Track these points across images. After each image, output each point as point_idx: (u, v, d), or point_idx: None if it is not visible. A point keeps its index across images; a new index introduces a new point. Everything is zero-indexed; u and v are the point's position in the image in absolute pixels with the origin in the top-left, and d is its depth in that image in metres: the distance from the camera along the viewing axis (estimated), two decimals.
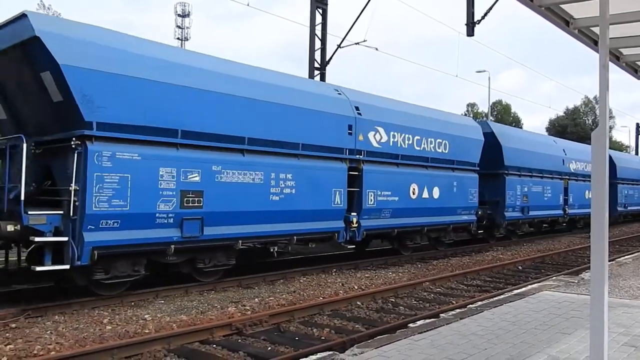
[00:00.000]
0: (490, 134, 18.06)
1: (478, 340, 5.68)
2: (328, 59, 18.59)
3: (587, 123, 72.09)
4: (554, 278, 10.75)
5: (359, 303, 9.21)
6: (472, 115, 68.08)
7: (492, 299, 8.24)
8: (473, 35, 15.63)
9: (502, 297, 8.43)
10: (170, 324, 7.56)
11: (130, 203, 8.46)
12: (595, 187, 3.89)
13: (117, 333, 7.06)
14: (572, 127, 68.28)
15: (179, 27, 64.30)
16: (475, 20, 15.56)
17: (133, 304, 8.79)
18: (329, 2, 18.34)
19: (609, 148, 4.12)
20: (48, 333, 6.98)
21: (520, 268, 13.97)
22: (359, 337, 6.89)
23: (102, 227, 8.19)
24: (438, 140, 15.21)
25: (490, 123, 19.56)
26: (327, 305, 8.80)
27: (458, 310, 7.48)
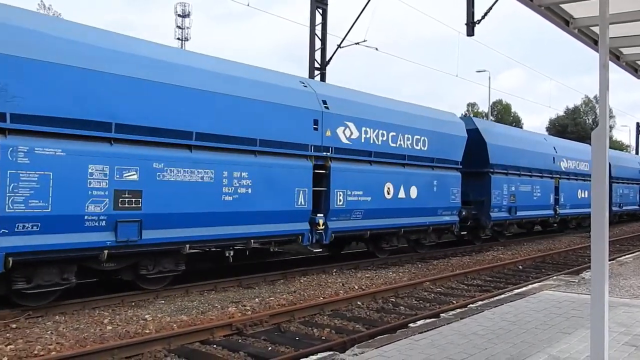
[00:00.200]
0: (475, 131, 17.22)
1: (478, 340, 5.68)
2: (328, 59, 18.59)
3: (587, 122, 72.15)
4: (555, 278, 10.76)
5: (360, 303, 9.21)
6: (472, 115, 68.10)
7: (492, 299, 8.25)
8: (473, 35, 15.62)
9: (502, 296, 8.43)
10: (171, 324, 7.57)
11: (53, 204, 7.66)
12: (595, 187, 3.90)
13: (117, 333, 7.07)
14: (572, 126, 68.34)
15: (179, 27, 64.43)
16: (475, 20, 15.55)
17: (133, 304, 8.79)
18: (329, 2, 18.34)
19: (609, 147, 4.12)
20: (48, 333, 6.99)
21: (521, 268, 13.97)
22: (360, 337, 6.90)
23: (18, 230, 7.38)
24: (416, 137, 14.41)
25: (475, 119, 18.51)
26: (327, 305, 8.80)
27: (458, 310, 7.49)
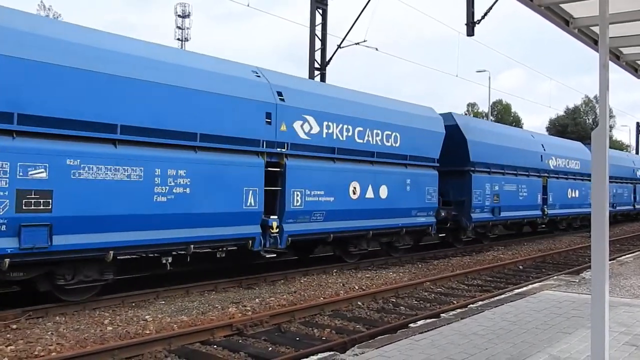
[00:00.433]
0: (455, 127, 16.22)
1: (479, 340, 5.68)
2: (328, 59, 18.61)
3: (587, 122, 72.17)
4: (555, 277, 10.75)
5: (360, 303, 9.21)
6: (472, 115, 68.04)
7: (492, 299, 8.25)
8: (473, 35, 15.64)
9: (502, 296, 8.43)
10: (171, 325, 7.57)
11: None
12: (596, 187, 3.90)
13: (118, 334, 7.07)
14: (572, 126, 68.34)
15: (179, 27, 64.48)
16: (475, 20, 15.56)
17: (134, 305, 8.79)
18: (329, 2, 18.37)
19: (609, 147, 4.12)
20: (49, 334, 6.99)
21: (521, 267, 13.96)
22: (360, 337, 6.90)
23: None
24: (386, 132, 13.38)
25: (455, 115, 17.18)
26: (327, 306, 8.80)
27: (459, 310, 7.49)
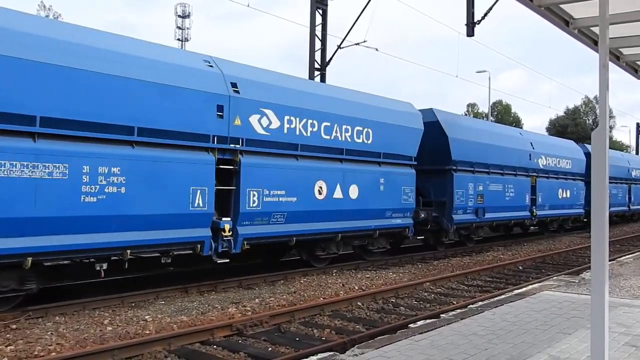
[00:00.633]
0: (435, 124, 15.32)
1: (479, 341, 5.68)
2: (328, 60, 18.61)
3: (587, 123, 72.20)
4: (555, 278, 10.75)
5: (360, 303, 9.21)
6: (472, 116, 68.00)
7: (492, 299, 8.25)
8: (473, 36, 15.64)
9: (502, 297, 8.44)
10: (171, 325, 7.57)
11: None
12: (596, 187, 3.90)
13: (117, 334, 7.07)
14: (572, 127, 68.35)
15: (179, 28, 64.52)
16: (476, 21, 15.56)
17: (134, 305, 8.79)
18: (329, 2, 18.37)
19: (609, 148, 4.13)
20: (49, 334, 6.98)
21: (521, 268, 13.96)
22: (360, 337, 6.90)
23: None
24: (357, 128, 12.54)
25: (436, 111, 16.02)
26: (327, 306, 8.80)
27: (459, 311, 7.49)
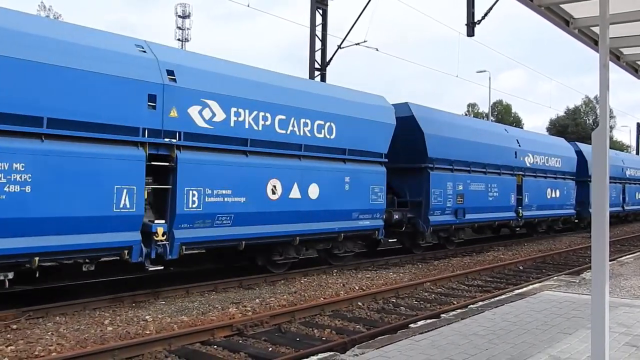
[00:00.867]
0: (410, 119, 14.40)
1: (479, 341, 5.68)
2: (328, 60, 18.61)
3: (587, 123, 72.17)
4: (555, 278, 10.75)
5: (360, 303, 9.20)
6: (472, 116, 67.95)
7: (493, 299, 8.25)
8: (473, 36, 15.65)
9: (503, 297, 8.43)
10: (171, 325, 7.57)
11: None
12: (596, 187, 3.91)
13: (118, 334, 7.07)
14: (572, 127, 68.33)
15: (180, 28, 64.56)
16: (476, 21, 15.57)
17: (134, 305, 8.79)
18: (329, 2, 18.38)
19: (610, 148, 4.13)
20: (49, 334, 6.98)
21: (521, 268, 13.96)
22: (360, 337, 6.90)
23: None
24: (318, 122, 11.51)
25: (411, 105, 14.93)
26: (328, 306, 8.79)
27: (459, 311, 7.49)
